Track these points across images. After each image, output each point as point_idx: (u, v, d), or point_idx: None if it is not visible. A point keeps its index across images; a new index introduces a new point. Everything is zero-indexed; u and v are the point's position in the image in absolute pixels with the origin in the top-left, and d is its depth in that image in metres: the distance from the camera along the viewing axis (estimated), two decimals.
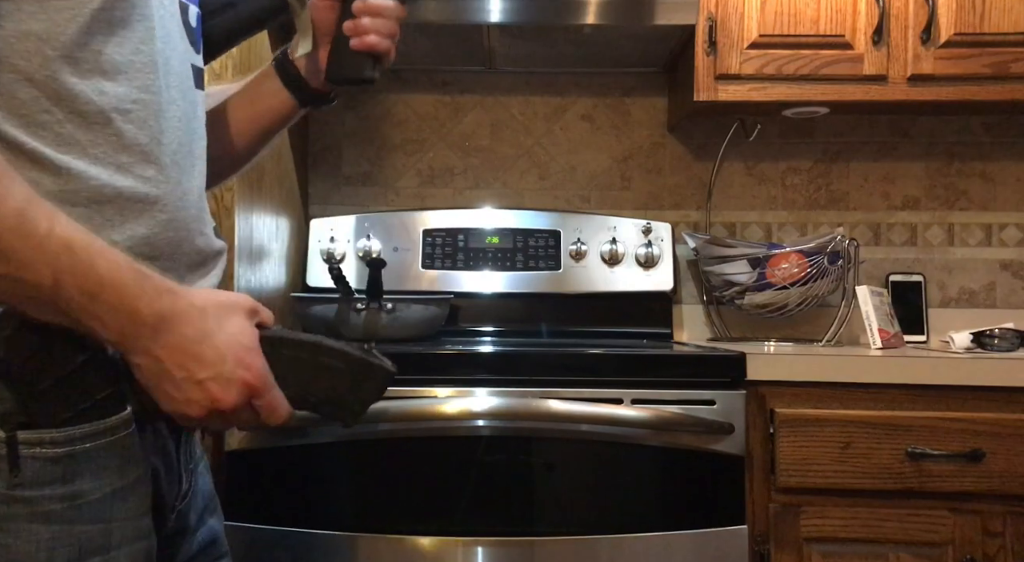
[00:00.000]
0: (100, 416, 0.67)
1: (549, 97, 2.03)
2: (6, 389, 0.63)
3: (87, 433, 0.66)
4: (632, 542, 1.30)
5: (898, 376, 1.36)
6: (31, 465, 0.63)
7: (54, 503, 0.64)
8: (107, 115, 0.68)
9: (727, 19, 1.68)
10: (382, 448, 1.31)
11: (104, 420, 0.67)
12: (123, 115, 0.69)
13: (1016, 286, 1.98)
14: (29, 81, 0.64)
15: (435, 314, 1.66)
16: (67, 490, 0.65)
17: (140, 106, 0.70)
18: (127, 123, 0.69)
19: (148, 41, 0.71)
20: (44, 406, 0.64)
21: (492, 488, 1.31)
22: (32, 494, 0.63)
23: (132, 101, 0.70)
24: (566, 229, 1.90)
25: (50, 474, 0.64)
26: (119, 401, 0.68)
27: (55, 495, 0.64)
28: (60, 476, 0.65)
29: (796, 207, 2.01)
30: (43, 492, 0.64)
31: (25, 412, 0.63)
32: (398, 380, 1.32)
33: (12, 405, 0.63)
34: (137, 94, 0.70)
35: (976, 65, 1.65)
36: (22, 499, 0.63)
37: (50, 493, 0.64)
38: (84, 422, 0.66)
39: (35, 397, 0.63)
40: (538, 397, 1.31)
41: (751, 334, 1.93)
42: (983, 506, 1.34)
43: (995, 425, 1.33)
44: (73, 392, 0.65)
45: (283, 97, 0.96)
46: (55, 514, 0.64)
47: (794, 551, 1.34)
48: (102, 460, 0.67)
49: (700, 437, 1.31)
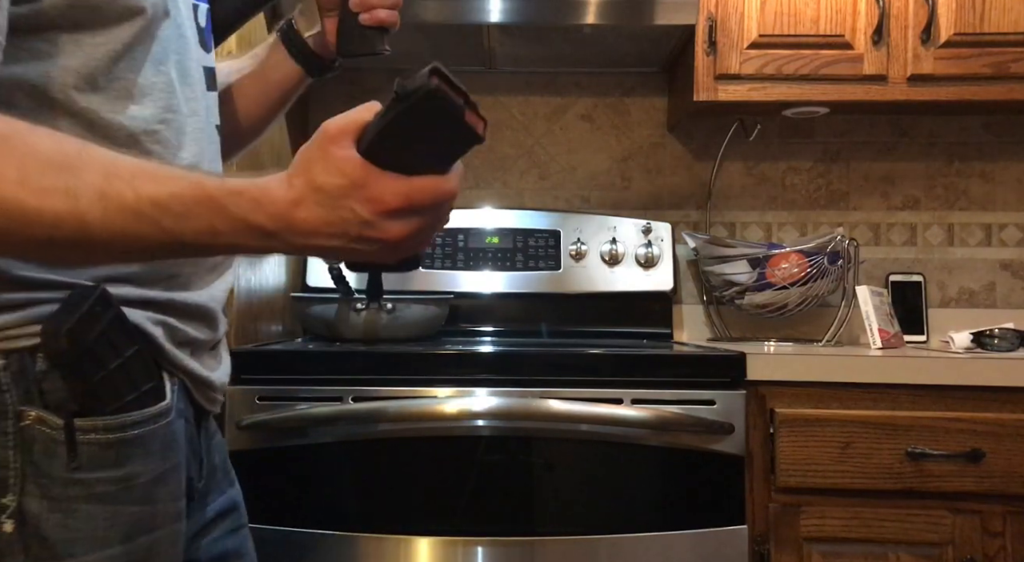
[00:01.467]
0: (145, 405, 0.71)
1: (549, 97, 2.03)
2: (62, 380, 0.67)
3: (135, 420, 0.70)
4: (632, 542, 1.30)
5: (898, 376, 1.36)
6: (87, 450, 0.67)
7: (108, 485, 0.69)
8: (135, 138, 0.71)
9: (727, 19, 1.68)
10: (382, 448, 1.31)
11: (149, 408, 0.71)
12: (149, 136, 0.72)
13: (1016, 286, 1.98)
14: (67, 113, 0.67)
15: (435, 314, 1.66)
16: (119, 473, 0.69)
17: (164, 126, 0.73)
18: (153, 144, 0.72)
19: (166, 61, 0.74)
20: (97, 396, 0.68)
21: (492, 488, 1.31)
22: (88, 476, 0.67)
23: (158, 121, 0.73)
24: (566, 229, 1.90)
25: (103, 458, 0.68)
26: (160, 391, 0.73)
27: (108, 478, 0.69)
28: (113, 460, 0.69)
29: (796, 207, 2.01)
30: (98, 475, 0.68)
31: (79, 401, 0.67)
32: (398, 380, 1.33)
33: (68, 395, 0.67)
34: (161, 114, 0.73)
35: (976, 65, 1.65)
36: (79, 481, 0.67)
37: (104, 476, 0.68)
38: (132, 410, 0.70)
39: (89, 388, 0.67)
40: (538, 397, 1.31)
41: (751, 334, 1.93)
42: (983, 506, 1.34)
43: (995, 425, 1.33)
44: (122, 383, 0.69)
45: (290, 68, 0.99)
46: (108, 495, 0.69)
47: (794, 551, 1.34)
48: (148, 445, 0.71)
49: (700, 437, 1.31)
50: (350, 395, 1.30)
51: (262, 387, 1.31)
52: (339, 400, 1.30)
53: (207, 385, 0.81)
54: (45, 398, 0.66)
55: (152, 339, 0.73)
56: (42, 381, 0.66)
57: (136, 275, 0.72)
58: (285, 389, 1.31)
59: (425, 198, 0.60)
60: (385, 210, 0.59)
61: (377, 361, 1.35)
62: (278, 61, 0.99)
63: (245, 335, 1.48)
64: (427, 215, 0.61)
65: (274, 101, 1.01)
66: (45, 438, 0.66)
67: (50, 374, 0.66)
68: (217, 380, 0.83)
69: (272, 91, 1.01)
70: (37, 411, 0.66)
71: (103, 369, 0.67)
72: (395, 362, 1.35)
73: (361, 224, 0.60)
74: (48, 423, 0.66)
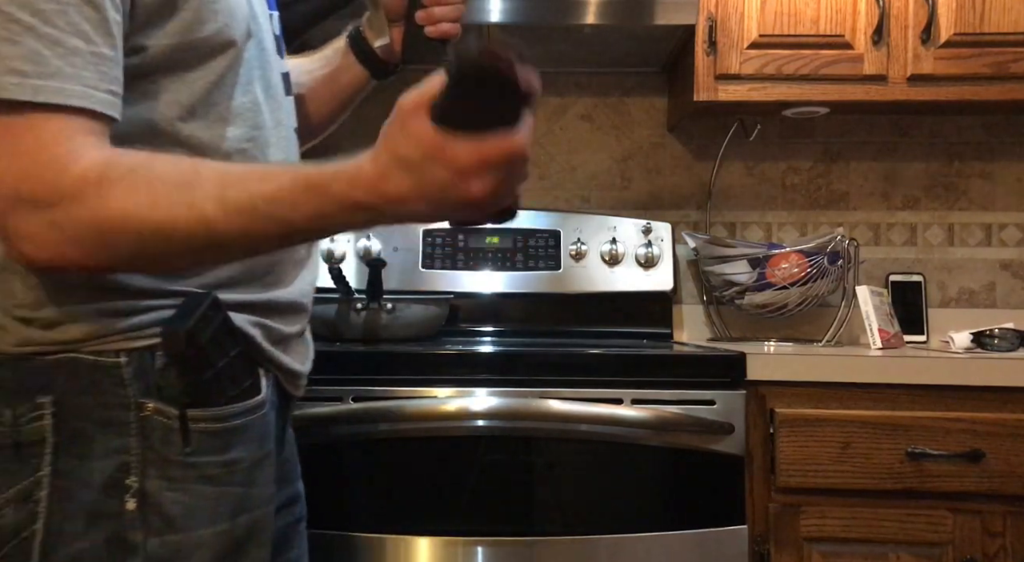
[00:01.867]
0: (246, 398, 0.80)
1: (549, 97, 2.03)
2: (177, 376, 0.75)
3: (237, 412, 0.79)
4: (632, 542, 1.30)
5: (898, 376, 1.36)
6: (197, 437, 0.76)
7: (216, 468, 0.77)
8: (230, 157, 0.79)
9: (727, 19, 1.68)
10: (382, 448, 1.31)
11: (249, 401, 0.80)
12: (241, 154, 0.80)
13: (1016, 286, 1.98)
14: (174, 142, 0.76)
15: (435, 314, 1.66)
16: (225, 458, 0.78)
17: (251, 144, 0.81)
18: (242, 160, 0.80)
19: (252, 80, 0.82)
20: (206, 390, 0.76)
21: (492, 488, 1.31)
22: (199, 460, 0.76)
23: (246, 140, 0.81)
24: (566, 229, 1.90)
25: (211, 444, 0.77)
26: (257, 387, 0.82)
27: (216, 461, 0.77)
28: (219, 446, 0.78)
29: (796, 207, 2.01)
30: (207, 459, 0.77)
31: (191, 394, 0.76)
32: (398, 380, 1.33)
33: (182, 389, 0.75)
34: (249, 133, 0.81)
35: (976, 65, 1.65)
36: (192, 464, 0.76)
37: (212, 460, 0.77)
38: (235, 402, 0.79)
39: (200, 383, 0.76)
40: (538, 397, 1.31)
41: (751, 334, 1.93)
42: (983, 506, 1.34)
43: (995, 425, 1.33)
44: (227, 380, 0.78)
45: (358, 71, 1.08)
46: (216, 477, 0.77)
47: (794, 551, 1.34)
48: (248, 434, 0.80)
49: (700, 437, 1.31)
50: (350, 395, 1.30)
51: None
52: (339, 400, 1.30)
53: (295, 375, 0.90)
54: (162, 392, 0.75)
55: (252, 340, 0.81)
56: (159, 377, 0.75)
57: (236, 278, 0.80)
58: None
59: (497, 154, 0.63)
60: (462, 171, 0.63)
61: (377, 361, 1.35)
62: (347, 65, 1.07)
63: None
64: (503, 170, 0.64)
65: (343, 102, 1.10)
66: (162, 427, 0.75)
67: (166, 370, 0.75)
68: (304, 369, 0.92)
69: (341, 93, 1.09)
70: (155, 403, 0.75)
71: (212, 367, 0.76)
72: (395, 362, 1.35)
73: (444, 187, 0.64)
74: (165, 413, 0.75)
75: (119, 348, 0.75)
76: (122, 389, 0.74)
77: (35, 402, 0.74)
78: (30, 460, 0.74)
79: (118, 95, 0.69)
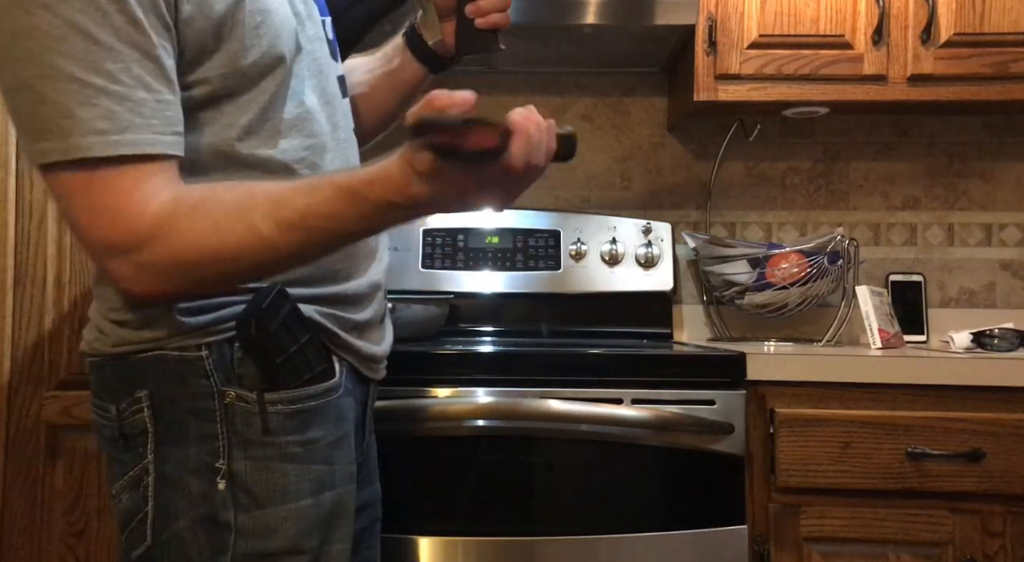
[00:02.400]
0: (320, 381, 0.85)
1: (549, 97, 2.03)
2: (252, 362, 0.81)
3: (311, 394, 0.84)
4: (632, 542, 1.30)
5: (898, 376, 1.36)
6: (275, 419, 0.82)
7: (295, 447, 0.83)
8: (289, 167, 0.84)
9: (727, 19, 1.68)
10: (381, 448, 1.31)
11: (321, 384, 0.86)
12: (299, 163, 0.85)
13: (1016, 286, 1.98)
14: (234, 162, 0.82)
15: (435, 314, 1.66)
16: (303, 437, 0.84)
17: (310, 152, 0.86)
18: (304, 168, 0.85)
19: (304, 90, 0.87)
20: (281, 374, 0.82)
21: (492, 488, 1.31)
22: (279, 439, 0.82)
23: (304, 149, 0.86)
24: (566, 229, 1.90)
25: (289, 425, 0.83)
26: (331, 371, 0.87)
27: (295, 441, 0.83)
28: (297, 426, 0.83)
29: (796, 207, 2.01)
30: (286, 438, 0.83)
31: (267, 379, 0.82)
32: (398, 380, 1.33)
33: (257, 374, 0.82)
34: (308, 141, 0.86)
35: (976, 65, 1.65)
36: (272, 444, 0.82)
37: (291, 439, 0.83)
38: (308, 385, 0.84)
39: (274, 368, 0.81)
40: (538, 397, 1.31)
41: (751, 334, 1.93)
42: (983, 506, 1.34)
43: (995, 425, 1.33)
44: (300, 364, 0.83)
45: (415, 68, 1.13)
46: (297, 456, 0.83)
47: (794, 551, 1.34)
48: (323, 415, 0.86)
49: (700, 437, 1.31)
50: None
51: None
52: None
53: (371, 359, 0.95)
54: (241, 380, 0.82)
55: (324, 327, 0.87)
56: (237, 366, 0.82)
57: (307, 277, 0.85)
58: None
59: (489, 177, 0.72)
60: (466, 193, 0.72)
61: None
62: (405, 61, 1.13)
63: None
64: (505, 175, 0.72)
65: (403, 96, 1.14)
66: (244, 411, 0.81)
67: (244, 360, 0.82)
68: (381, 351, 0.97)
69: (401, 88, 1.14)
70: (235, 390, 0.82)
71: (284, 353, 0.82)
72: (395, 362, 1.34)
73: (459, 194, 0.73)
74: (245, 399, 0.81)
75: (201, 343, 0.81)
76: (205, 379, 0.81)
77: (134, 396, 0.82)
78: (136, 449, 0.82)
79: (181, 134, 0.76)
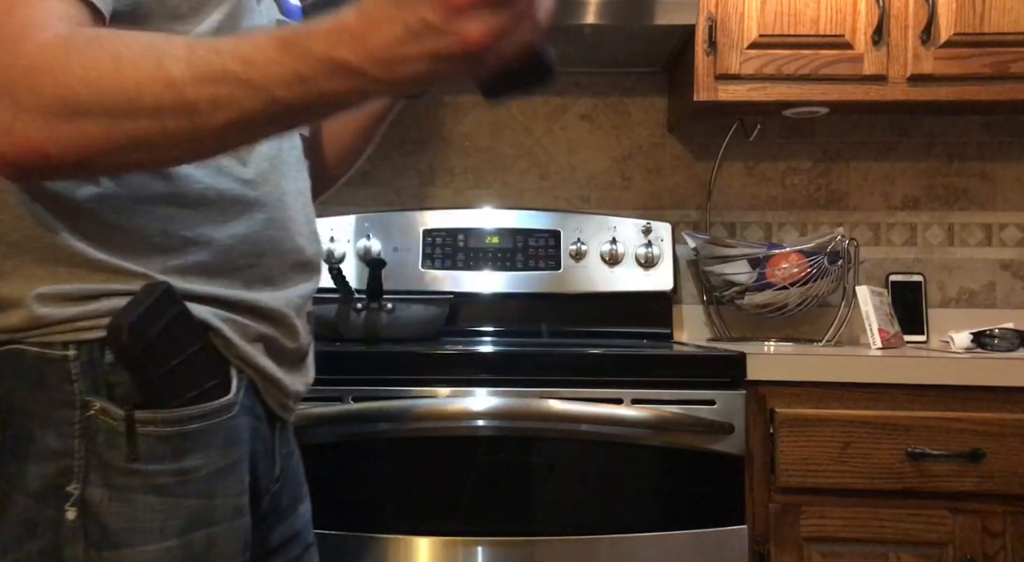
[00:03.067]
0: (206, 400, 0.72)
1: (549, 97, 2.03)
2: (126, 373, 0.68)
3: (194, 415, 0.71)
4: (632, 542, 1.30)
5: (898, 376, 1.36)
6: (145, 442, 0.69)
7: (166, 477, 0.70)
8: None
9: (727, 19, 1.68)
10: (382, 448, 1.31)
11: (209, 403, 0.72)
12: None
13: (1016, 286, 1.98)
14: None
15: (435, 314, 1.66)
16: (177, 466, 0.70)
17: None
18: None
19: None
20: (159, 390, 0.69)
21: (492, 488, 1.31)
22: (147, 468, 0.69)
23: None
24: (566, 229, 1.90)
25: (162, 450, 0.69)
26: (225, 387, 0.74)
27: (167, 470, 0.70)
28: (171, 453, 0.70)
29: (796, 207, 2.01)
30: (156, 467, 0.69)
31: (141, 394, 0.69)
32: (398, 380, 1.33)
33: (130, 387, 0.69)
34: None
35: (976, 65, 1.65)
36: (138, 472, 0.68)
37: (162, 468, 0.69)
38: (192, 404, 0.71)
39: (150, 381, 0.68)
40: (538, 397, 1.31)
41: (751, 334, 1.92)
42: (983, 506, 1.34)
43: (995, 425, 1.33)
44: (184, 379, 0.70)
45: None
46: (167, 488, 0.70)
47: (794, 551, 1.34)
48: (209, 439, 0.72)
49: (700, 437, 1.31)
50: (350, 395, 1.30)
51: None
52: (339, 400, 1.30)
53: (278, 387, 0.80)
54: (111, 390, 0.68)
55: (220, 333, 0.73)
56: (109, 373, 0.68)
57: (212, 265, 0.73)
58: None
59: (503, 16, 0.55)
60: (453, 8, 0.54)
61: (377, 361, 1.35)
62: None
63: None
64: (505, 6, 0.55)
65: (367, 126, 1.04)
66: (108, 429, 0.68)
67: (117, 367, 0.68)
68: (291, 385, 0.82)
69: (363, 117, 1.03)
70: (102, 402, 0.68)
71: (165, 365, 0.69)
72: (395, 362, 1.35)
73: (435, 33, 0.54)
74: (111, 414, 0.68)
75: (68, 341, 0.68)
76: (68, 385, 0.68)
77: None
78: None
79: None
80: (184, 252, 0.72)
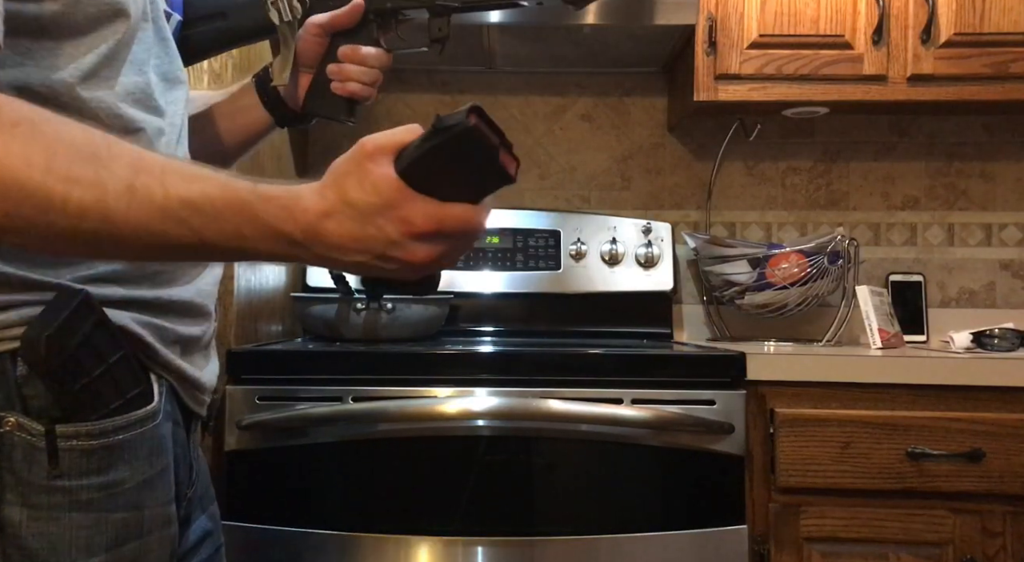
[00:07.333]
0: (129, 409, 0.70)
1: (549, 97, 2.03)
2: (44, 387, 0.65)
3: (119, 426, 0.69)
4: (632, 542, 1.30)
5: (898, 376, 1.36)
6: (68, 457, 0.66)
7: (92, 492, 0.67)
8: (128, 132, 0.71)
9: (727, 19, 1.68)
10: (382, 448, 1.31)
11: (133, 413, 0.70)
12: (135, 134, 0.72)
13: (1016, 286, 1.98)
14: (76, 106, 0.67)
15: (435, 314, 1.66)
16: (103, 480, 0.68)
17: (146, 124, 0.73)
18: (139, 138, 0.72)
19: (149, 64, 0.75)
20: (79, 402, 0.66)
21: (492, 488, 1.31)
22: (71, 484, 0.66)
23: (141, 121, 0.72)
24: (566, 229, 1.90)
25: (86, 465, 0.67)
26: (147, 395, 0.72)
27: (92, 484, 0.67)
28: (96, 467, 0.67)
29: (796, 207, 2.01)
30: (81, 482, 0.67)
31: (62, 408, 0.66)
32: (398, 380, 1.33)
33: (50, 401, 0.66)
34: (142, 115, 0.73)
35: (976, 65, 1.65)
36: (62, 489, 0.66)
37: (87, 483, 0.67)
38: (115, 415, 0.68)
39: (71, 394, 0.66)
40: (538, 397, 1.31)
41: (751, 334, 1.92)
42: (983, 506, 1.34)
43: (995, 425, 1.33)
44: (107, 390, 0.68)
45: (260, 114, 0.98)
46: (93, 503, 0.67)
47: (794, 551, 1.34)
48: (134, 451, 0.70)
49: (700, 437, 1.31)
50: (350, 395, 1.30)
51: (262, 387, 1.31)
52: (339, 400, 1.30)
53: (195, 385, 0.80)
54: (26, 403, 0.65)
55: (140, 339, 0.71)
56: (23, 386, 0.65)
57: (121, 274, 0.71)
58: (285, 389, 1.31)
59: (455, 225, 0.59)
60: (414, 232, 0.58)
61: (377, 361, 1.35)
62: (249, 105, 0.98)
63: (245, 335, 1.47)
64: (453, 242, 0.61)
65: (242, 141, 1.00)
66: (25, 445, 0.65)
67: (31, 379, 0.65)
68: (205, 379, 0.81)
69: (237, 132, 1.00)
70: (16, 417, 0.65)
71: (86, 376, 0.66)
72: (395, 362, 1.35)
73: (388, 244, 0.59)
74: (28, 429, 0.65)
75: None
76: None
77: None
78: None
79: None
80: (93, 263, 0.70)
